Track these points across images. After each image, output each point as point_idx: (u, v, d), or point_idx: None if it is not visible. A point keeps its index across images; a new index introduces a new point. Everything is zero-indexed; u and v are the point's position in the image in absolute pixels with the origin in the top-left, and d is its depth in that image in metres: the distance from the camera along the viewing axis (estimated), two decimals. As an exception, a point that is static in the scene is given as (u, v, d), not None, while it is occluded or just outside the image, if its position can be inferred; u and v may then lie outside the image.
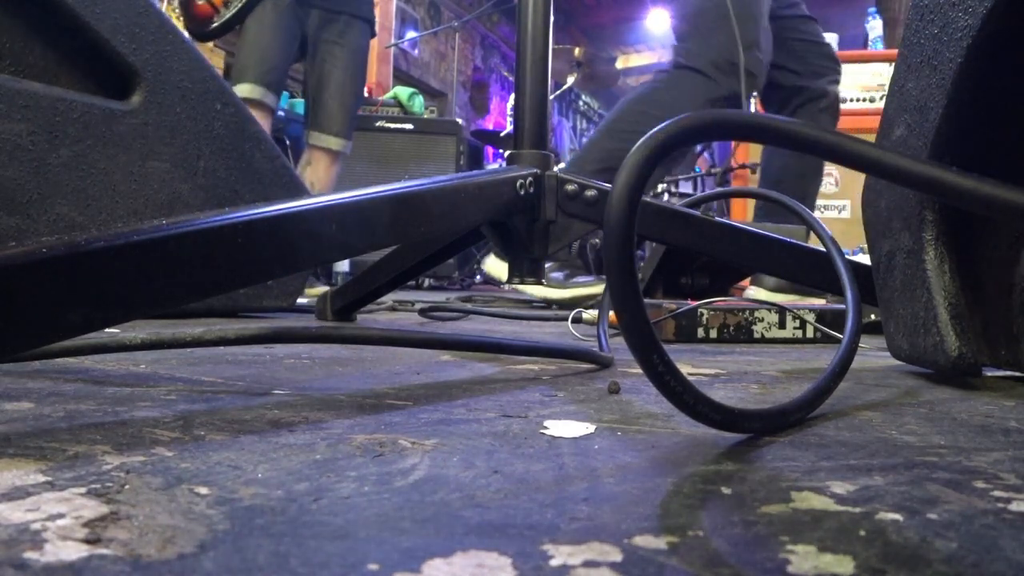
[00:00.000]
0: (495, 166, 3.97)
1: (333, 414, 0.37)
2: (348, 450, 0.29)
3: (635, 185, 0.29)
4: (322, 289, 1.30)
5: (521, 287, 1.54)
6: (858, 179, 0.53)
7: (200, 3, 1.84)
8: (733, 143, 3.12)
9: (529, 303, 1.64)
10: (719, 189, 3.56)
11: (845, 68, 3.00)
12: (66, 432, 0.31)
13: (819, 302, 1.03)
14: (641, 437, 0.33)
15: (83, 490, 0.23)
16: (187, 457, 0.28)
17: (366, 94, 2.92)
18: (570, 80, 4.15)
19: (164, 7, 2.94)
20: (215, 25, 1.84)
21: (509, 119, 4.35)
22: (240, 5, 1.83)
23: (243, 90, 1.79)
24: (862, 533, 0.21)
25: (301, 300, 1.17)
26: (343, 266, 2.95)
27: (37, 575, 0.17)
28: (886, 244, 0.56)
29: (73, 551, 0.18)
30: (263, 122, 1.79)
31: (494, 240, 0.77)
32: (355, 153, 2.28)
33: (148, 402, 0.39)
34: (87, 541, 0.19)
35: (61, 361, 0.52)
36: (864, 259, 0.66)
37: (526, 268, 0.77)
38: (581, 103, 8.10)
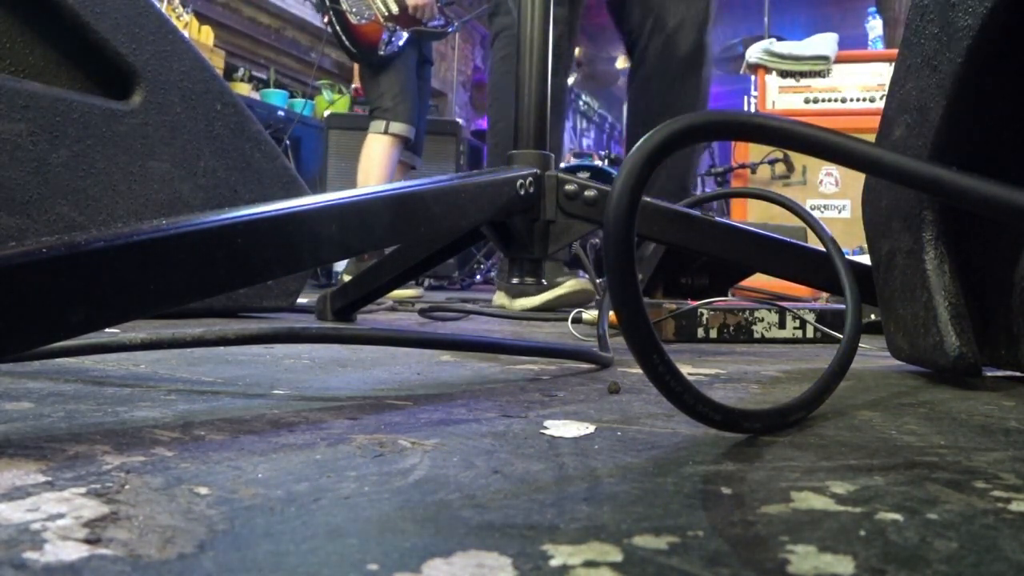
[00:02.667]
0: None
1: (333, 414, 0.37)
2: (348, 450, 0.29)
3: (635, 185, 0.29)
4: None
5: (503, 302, 1.53)
6: (858, 179, 0.53)
7: (364, 26, 1.98)
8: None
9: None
10: (719, 189, 3.56)
11: (845, 68, 3.01)
12: (66, 432, 0.31)
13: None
14: (641, 437, 0.33)
15: (83, 490, 0.23)
16: (187, 457, 0.28)
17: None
18: (570, 80, 4.16)
19: (164, 7, 2.95)
20: (384, 53, 2.06)
21: (509, 119, 4.34)
22: (407, 36, 2.08)
23: (401, 129, 2.13)
24: (862, 533, 0.21)
25: (301, 300, 1.17)
26: (341, 266, 2.96)
27: (37, 575, 0.17)
28: (886, 244, 0.56)
29: (73, 551, 0.18)
30: (395, 152, 2.15)
31: (494, 240, 0.77)
32: (355, 153, 2.31)
33: (148, 402, 0.39)
34: (87, 541, 0.19)
35: (61, 361, 0.52)
36: (864, 259, 0.66)
37: (526, 268, 0.77)
38: (581, 103, 8.09)
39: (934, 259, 0.50)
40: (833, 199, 2.95)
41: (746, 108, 3.29)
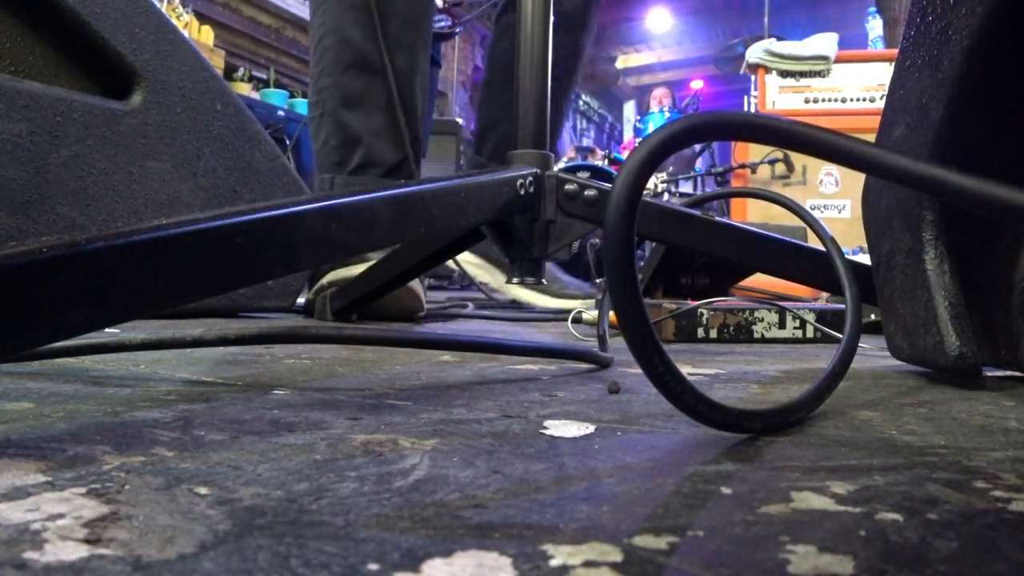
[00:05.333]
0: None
1: (333, 414, 0.37)
2: (348, 450, 0.29)
3: (635, 185, 0.29)
4: None
5: (518, 292, 1.51)
6: (858, 179, 0.53)
7: None
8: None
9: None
10: (719, 189, 3.56)
11: (845, 68, 3.01)
12: (66, 432, 0.31)
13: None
14: (641, 437, 0.33)
15: (83, 490, 0.23)
16: (187, 457, 0.28)
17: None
18: (570, 80, 4.15)
19: (164, 7, 2.95)
20: None
21: (509, 119, 4.34)
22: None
23: None
24: (862, 533, 0.21)
25: (301, 300, 1.17)
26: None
27: (37, 575, 0.17)
28: (886, 244, 0.56)
29: (73, 551, 0.18)
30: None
31: (494, 240, 0.77)
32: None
33: (148, 402, 0.39)
34: (87, 541, 0.19)
35: (61, 361, 0.52)
36: (864, 259, 0.66)
37: (526, 268, 0.77)
38: (581, 103, 8.09)
39: (934, 259, 0.50)
40: (833, 199, 2.95)
41: (746, 108, 3.29)
